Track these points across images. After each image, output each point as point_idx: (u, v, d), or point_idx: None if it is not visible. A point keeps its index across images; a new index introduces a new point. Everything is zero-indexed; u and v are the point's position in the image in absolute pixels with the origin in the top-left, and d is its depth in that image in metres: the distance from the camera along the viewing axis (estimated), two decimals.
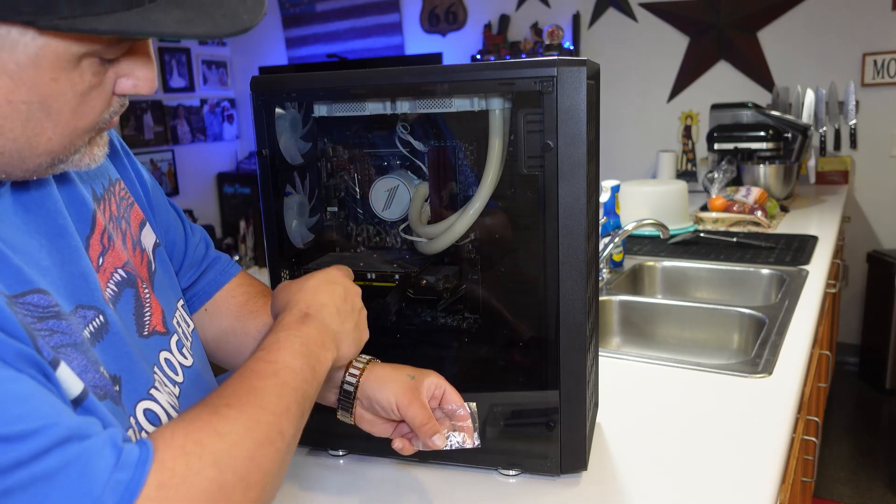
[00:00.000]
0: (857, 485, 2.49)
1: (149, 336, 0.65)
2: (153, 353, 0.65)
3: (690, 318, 1.60)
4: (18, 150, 0.51)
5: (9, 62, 0.47)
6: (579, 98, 0.75)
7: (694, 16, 3.64)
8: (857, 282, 3.41)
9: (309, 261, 0.95)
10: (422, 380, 0.78)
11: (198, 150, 5.13)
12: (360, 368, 0.78)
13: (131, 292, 0.64)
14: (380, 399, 0.76)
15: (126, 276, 0.64)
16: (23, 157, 0.52)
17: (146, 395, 0.61)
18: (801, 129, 2.85)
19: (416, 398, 0.76)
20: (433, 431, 0.75)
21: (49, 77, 0.49)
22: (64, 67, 0.49)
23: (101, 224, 0.63)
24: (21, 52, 0.47)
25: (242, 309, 0.85)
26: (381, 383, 0.77)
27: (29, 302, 0.51)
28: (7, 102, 0.48)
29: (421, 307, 0.92)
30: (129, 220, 0.68)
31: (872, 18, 3.28)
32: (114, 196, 0.68)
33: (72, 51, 0.49)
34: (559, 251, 0.79)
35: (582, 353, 0.82)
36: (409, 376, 0.78)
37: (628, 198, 2.24)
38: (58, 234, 0.58)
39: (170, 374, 0.66)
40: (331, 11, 4.69)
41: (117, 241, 0.65)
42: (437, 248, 0.89)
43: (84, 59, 0.50)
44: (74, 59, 0.49)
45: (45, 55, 0.48)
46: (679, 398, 1.09)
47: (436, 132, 0.89)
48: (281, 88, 0.86)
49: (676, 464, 0.90)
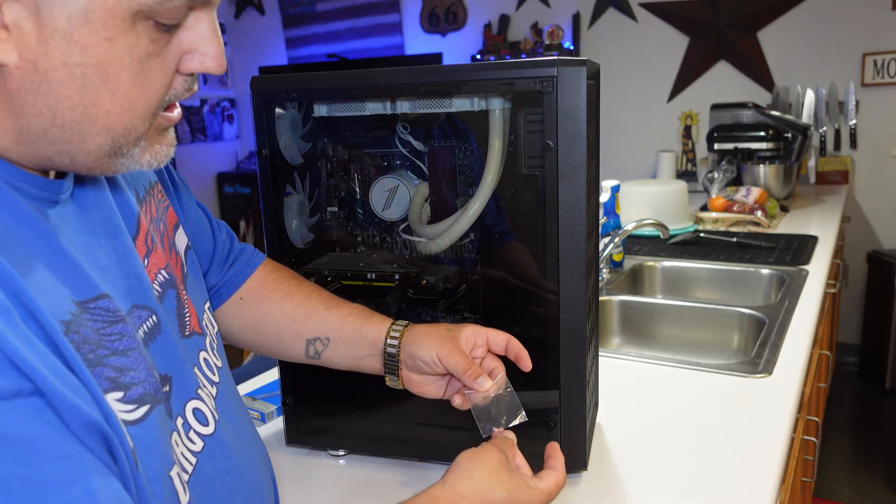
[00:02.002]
0: (857, 485, 2.50)
1: (189, 336, 0.65)
2: (194, 354, 0.65)
3: (690, 318, 1.60)
4: (77, 122, 0.48)
5: (60, 19, 0.44)
6: (579, 98, 0.75)
7: (694, 16, 3.64)
8: (857, 282, 3.41)
9: (309, 261, 0.95)
10: (459, 331, 0.78)
11: (198, 150, 5.13)
12: (399, 331, 0.79)
13: (173, 293, 0.64)
14: (422, 355, 0.77)
15: (168, 277, 0.64)
16: (83, 133, 0.48)
17: (194, 395, 0.61)
18: (801, 129, 2.85)
19: (456, 347, 0.76)
20: (476, 374, 0.75)
21: (103, 36, 0.46)
22: (118, 26, 0.46)
23: (145, 226, 0.63)
24: (71, 5, 0.44)
25: (277, 293, 0.85)
26: (421, 340, 0.78)
27: (99, 307, 0.50)
28: (62, 65, 0.45)
29: (421, 307, 0.92)
30: (165, 223, 0.69)
31: (872, 18, 3.28)
32: (153, 198, 0.68)
33: (121, 6, 0.45)
34: (559, 251, 0.79)
35: (582, 353, 0.82)
36: (447, 329, 0.79)
37: (628, 198, 2.24)
38: (113, 234, 0.58)
39: (208, 375, 0.66)
40: (331, 11, 4.69)
41: (158, 243, 0.65)
42: (437, 248, 0.89)
43: (139, 22, 0.47)
44: (128, 19, 0.46)
45: (94, 9, 0.45)
46: (679, 398, 1.09)
47: (449, 131, 0.89)
48: (281, 88, 0.86)
49: (676, 464, 0.90)
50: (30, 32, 0.44)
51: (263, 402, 1.08)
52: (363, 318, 0.81)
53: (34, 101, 0.46)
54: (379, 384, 0.81)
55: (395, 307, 0.92)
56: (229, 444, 0.63)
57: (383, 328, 0.80)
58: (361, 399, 0.96)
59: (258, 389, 1.15)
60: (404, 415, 0.93)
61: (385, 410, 0.94)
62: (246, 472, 0.65)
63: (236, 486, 0.63)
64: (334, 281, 0.94)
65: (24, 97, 0.46)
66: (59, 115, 0.47)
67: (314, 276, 0.94)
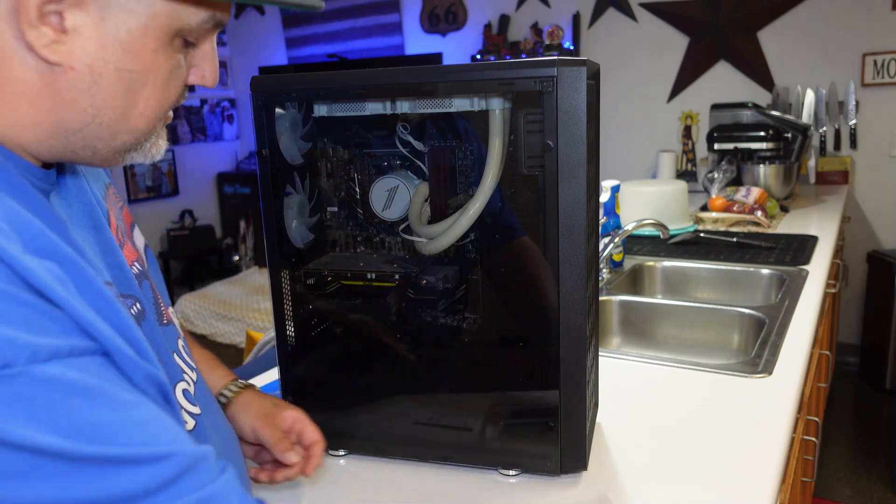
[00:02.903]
0: (857, 485, 2.49)
1: (167, 325, 0.67)
2: (173, 342, 0.67)
3: (690, 318, 1.60)
4: (115, 120, 0.54)
5: (122, 29, 0.50)
6: (579, 98, 0.75)
7: (694, 16, 3.64)
8: (857, 282, 3.41)
9: (309, 261, 0.95)
10: (283, 409, 0.82)
11: (198, 150, 5.13)
12: (234, 392, 0.83)
13: (147, 283, 0.66)
14: (241, 422, 0.81)
15: (141, 269, 0.66)
16: (116, 130, 0.54)
17: (181, 378, 0.64)
18: (801, 129, 2.85)
19: (271, 422, 0.80)
20: (286, 449, 0.78)
21: (152, 48, 0.52)
22: (163, 40, 0.53)
23: (114, 221, 0.65)
24: (134, 19, 0.50)
25: None
26: (245, 408, 0.82)
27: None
28: (115, 70, 0.51)
29: (421, 307, 0.92)
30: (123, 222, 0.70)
31: (872, 18, 3.28)
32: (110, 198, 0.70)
33: (172, 25, 0.52)
34: (559, 251, 0.79)
35: (582, 353, 0.82)
36: (271, 403, 0.83)
37: (628, 198, 2.24)
38: (94, 226, 0.61)
39: (188, 361, 0.68)
40: (331, 11, 4.69)
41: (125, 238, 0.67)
42: (437, 248, 0.89)
43: (175, 38, 0.54)
44: (171, 34, 0.53)
45: (152, 25, 0.51)
46: (679, 398, 1.09)
47: (443, 132, 0.89)
48: (281, 88, 0.86)
49: (676, 464, 0.90)
50: (90, 38, 0.50)
51: None
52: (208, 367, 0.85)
53: (81, 99, 0.52)
54: (379, 385, 0.81)
55: (395, 307, 0.92)
56: (212, 426, 0.66)
57: (220, 383, 0.84)
58: (361, 399, 0.96)
59: None
60: (404, 415, 0.93)
61: (385, 410, 0.94)
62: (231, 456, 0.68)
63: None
64: (334, 281, 0.94)
65: (73, 95, 0.51)
66: (102, 113, 0.53)
67: (314, 276, 0.94)
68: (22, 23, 0.48)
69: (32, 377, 0.42)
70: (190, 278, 4.88)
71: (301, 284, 0.94)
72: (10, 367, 0.42)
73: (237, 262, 4.86)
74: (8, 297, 0.43)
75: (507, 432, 0.89)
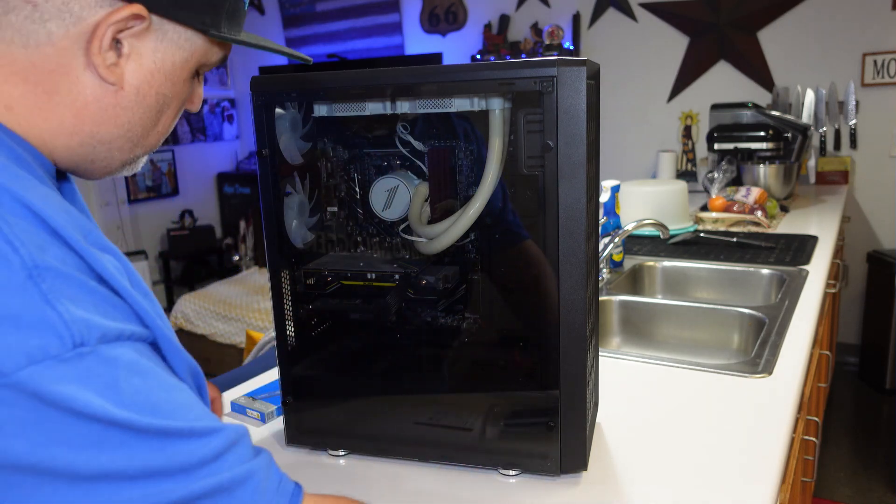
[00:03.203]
0: (857, 485, 2.49)
1: None
2: None
3: (690, 318, 1.60)
4: (139, 136, 0.61)
5: (168, 61, 0.59)
6: (579, 98, 0.75)
7: (694, 16, 3.64)
8: (857, 282, 3.41)
9: (309, 261, 0.95)
10: None
11: (198, 149, 5.13)
12: None
13: None
14: None
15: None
16: (135, 144, 0.62)
17: None
18: (801, 129, 2.85)
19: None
20: None
21: (184, 78, 0.62)
22: (192, 71, 0.62)
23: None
24: (180, 54, 0.60)
25: None
26: None
27: None
28: (156, 94, 0.60)
29: (421, 307, 0.92)
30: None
31: (872, 18, 3.28)
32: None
33: (201, 60, 0.62)
34: (559, 251, 0.79)
35: (582, 353, 0.82)
36: None
37: (628, 198, 2.24)
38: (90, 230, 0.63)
39: None
40: (331, 11, 4.69)
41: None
42: (437, 248, 0.89)
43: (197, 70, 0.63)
44: (195, 67, 0.62)
45: (190, 59, 0.61)
46: (679, 398, 1.09)
47: (438, 131, 0.89)
48: (281, 88, 0.86)
49: (676, 464, 0.90)
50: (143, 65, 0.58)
51: (263, 402, 1.08)
52: None
53: (122, 116, 0.59)
54: (379, 385, 0.81)
55: (395, 307, 0.92)
56: None
57: None
58: (361, 399, 0.96)
59: (258, 389, 1.15)
60: (404, 415, 0.93)
61: (385, 410, 0.94)
62: None
63: None
64: (334, 281, 0.94)
65: (117, 111, 0.58)
66: (132, 129, 0.60)
67: (314, 276, 0.94)
68: (93, 45, 0.55)
69: (101, 356, 0.47)
70: (190, 278, 4.88)
71: (301, 284, 0.94)
72: (84, 346, 0.46)
73: (237, 262, 4.86)
74: (80, 284, 0.48)
75: (507, 432, 0.89)
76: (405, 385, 0.96)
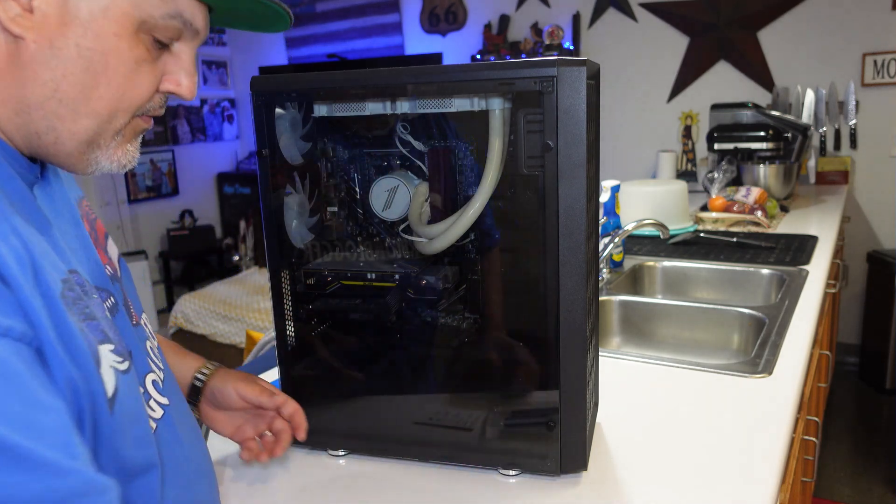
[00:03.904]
0: (857, 485, 2.49)
1: (136, 326, 0.68)
2: (142, 342, 0.68)
3: (690, 318, 1.60)
4: (74, 98, 0.55)
5: (83, 10, 0.53)
6: (579, 98, 0.75)
7: (694, 16, 3.64)
8: (857, 282, 3.41)
9: (309, 261, 0.95)
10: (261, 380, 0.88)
11: (198, 150, 5.13)
12: (210, 370, 0.87)
13: (118, 286, 0.67)
14: (225, 389, 0.85)
15: (112, 272, 0.67)
16: (75, 111, 0.56)
17: (150, 369, 0.66)
18: (801, 129, 2.85)
19: (255, 383, 0.86)
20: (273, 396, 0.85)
21: (113, 31, 0.55)
22: (126, 28, 0.55)
23: (87, 226, 0.67)
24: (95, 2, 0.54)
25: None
26: (226, 377, 0.86)
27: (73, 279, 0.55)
28: (74, 46, 0.54)
29: (421, 307, 0.92)
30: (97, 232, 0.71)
31: (872, 18, 3.27)
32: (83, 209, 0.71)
33: (133, 13, 0.55)
34: (559, 251, 0.79)
35: (582, 353, 0.82)
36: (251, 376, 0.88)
37: (628, 198, 2.24)
38: (74, 223, 0.63)
39: (156, 361, 0.69)
40: (331, 11, 4.69)
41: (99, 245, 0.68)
42: (437, 248, 0.89)
43: (141, 32, 0.56)
44: (135, 23, 0.55)
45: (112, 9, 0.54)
46: (679, 398, 1.09)
47: (439, 132, 0.89)
48: (281, 88, 0.86)
49: (676, 464, 0.90)
50: (52, 16, 0.53)
51: None
52: (177, 356, 0.87)
53: (42, 72, 0.54)
54: (379, 385, 0.81)
55: (395, 307, 0.92)
56: (179, 420, 0.68)
57: (194, 365, 0.87)
58: (361, 399, 0.96)
59: None
60: (404, 415, 0.93)
61: (385, 410, 0.94)
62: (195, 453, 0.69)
63: (189, 456, 0.67)
64: (334, 281, 0.94)
65: (34, 68, 0.54)
66: (62, 88, 0.55)
67: (314, 276, 0.94)
68: None
69: None
70: (190, 278, 4.88)
71: (301, 284, 0.94)
72: None
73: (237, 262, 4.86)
74: None
75: (506, 432, 0.89)
76: (405, 385, 0.96)
